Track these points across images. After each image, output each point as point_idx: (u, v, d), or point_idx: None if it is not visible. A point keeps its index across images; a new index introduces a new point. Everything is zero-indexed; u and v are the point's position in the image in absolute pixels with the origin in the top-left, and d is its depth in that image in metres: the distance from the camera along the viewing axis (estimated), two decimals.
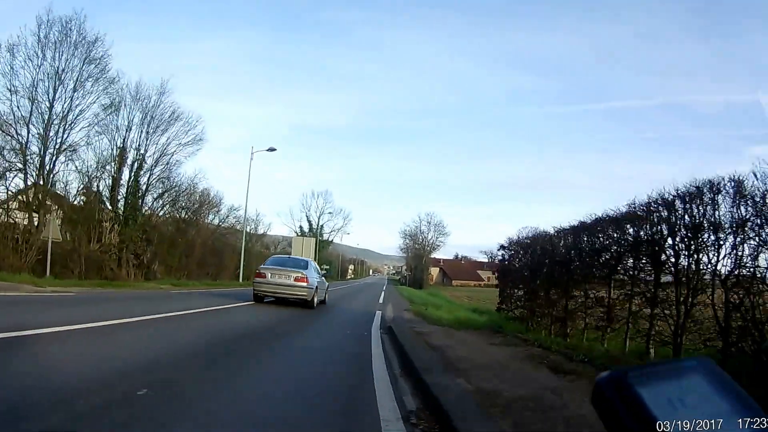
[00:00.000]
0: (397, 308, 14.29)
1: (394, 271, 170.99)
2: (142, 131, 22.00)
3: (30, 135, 17.37)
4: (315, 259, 48.03)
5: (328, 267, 56.44)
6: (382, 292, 26.51)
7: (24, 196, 17.79)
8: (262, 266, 11.80)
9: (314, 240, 46.17)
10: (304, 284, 10.82)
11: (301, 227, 57.31)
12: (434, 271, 77.17)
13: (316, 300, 11.32)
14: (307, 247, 46.23)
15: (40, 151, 17.69)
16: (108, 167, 21.38)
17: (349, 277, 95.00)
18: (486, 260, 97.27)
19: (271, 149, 26.98)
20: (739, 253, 4.53)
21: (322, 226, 59.06)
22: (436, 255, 73.70)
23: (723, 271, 4.68)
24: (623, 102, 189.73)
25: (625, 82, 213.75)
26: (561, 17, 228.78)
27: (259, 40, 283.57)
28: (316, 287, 11.35)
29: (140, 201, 22.31)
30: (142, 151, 21.84)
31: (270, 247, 53.78)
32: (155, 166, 22.60)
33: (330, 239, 60.70)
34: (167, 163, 22.85)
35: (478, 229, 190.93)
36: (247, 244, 38.04)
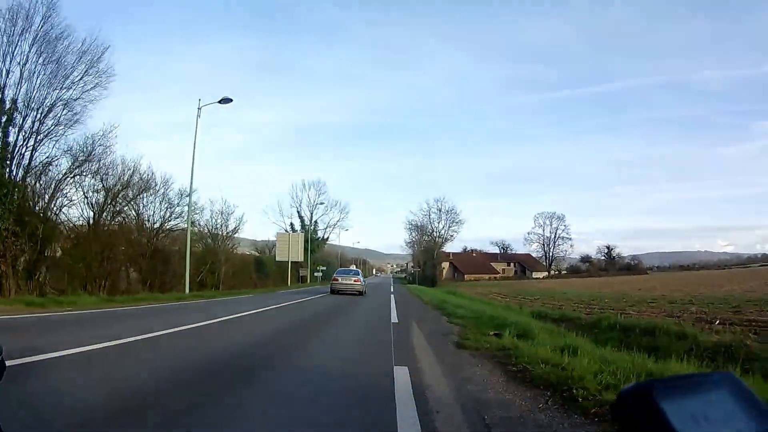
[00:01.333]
0: (439, 347, 6.23)
1: (398, 269, 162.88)
2: (19, 68, 14.33)
3: None
4: (307, 258, 40.12)
5: (324, 268, 48.63)
6: (392, 297, 18.62)
7: None
8: (335, 274, 20.62)
9: (302, 235, 38.30)
10: (359, 283, 19.24)
11: (291, 224, 49.39)
12: (444, 266, 69.20)
13: (364, 291, 19.52)
14: (295, 243, 38.19)
15: None
16: None
17: None
18: (498, 251, 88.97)
19: (225, 100, 18.86)
20: None
21: (315, 222, 51.13)
22: (445, 248, 65.38)
23: None
24: (622, 83, 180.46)
25: (622, 64, 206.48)
26: (551, 2, 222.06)
27: (251, 44, 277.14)
28: (364, 284, 20.04)
29: (16, 173, 14.50)
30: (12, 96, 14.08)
31: (265, 251, 45.36)
32: (43, 120, 14.80)
33: (325, 236, 52.75)
34: (58, 117, 15.03)
35: (482, 224, 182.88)
36: (215, 243, 30.08)
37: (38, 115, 14.65)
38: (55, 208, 16.05)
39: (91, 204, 17.70)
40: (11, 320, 7.87)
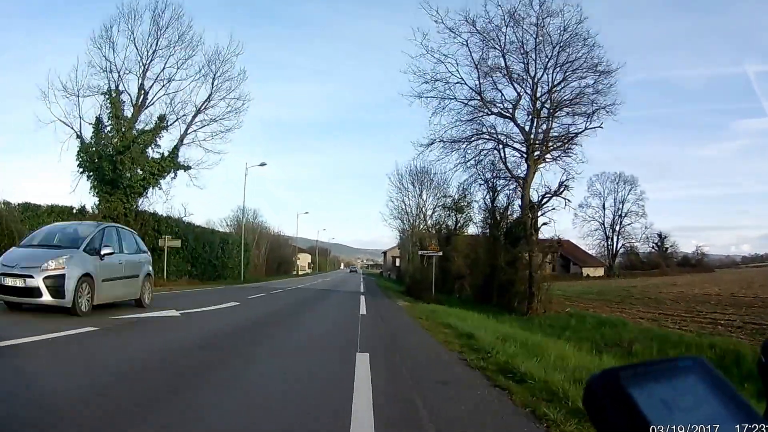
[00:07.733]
0: None
1: (371, 263, 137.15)
2: None
3: None
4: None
5: (178, 243, 20.59)
6: None
7: None
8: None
9: None
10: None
11: (98, 121, 18.52)
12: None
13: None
14: None
15: None
16: None
17: (303, 272, 58.32)
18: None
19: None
20: None
21: (164, 117, 20.12)
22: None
23: None
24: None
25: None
26: None
27: (222, 35, 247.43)
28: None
29: None
30: None
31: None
32: None
33: (179, 145, 20.38)
34: None
35: None
36: None
37: None
38: None
39: None
40: None
